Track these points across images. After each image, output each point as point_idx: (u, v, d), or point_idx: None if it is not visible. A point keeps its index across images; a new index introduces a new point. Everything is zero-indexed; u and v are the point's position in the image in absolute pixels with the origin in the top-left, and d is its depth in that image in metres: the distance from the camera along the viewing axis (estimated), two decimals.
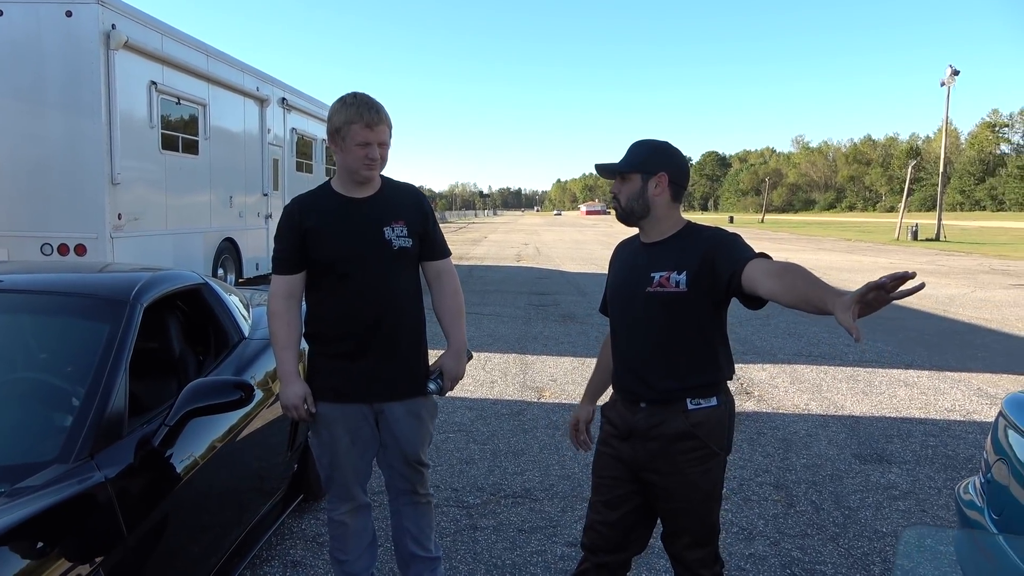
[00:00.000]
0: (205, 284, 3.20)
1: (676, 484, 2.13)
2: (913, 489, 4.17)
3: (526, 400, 5.85)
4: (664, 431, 2.11)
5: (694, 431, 2.09)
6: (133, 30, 7.87)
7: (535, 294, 12.68)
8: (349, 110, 2.34)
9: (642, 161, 2.16)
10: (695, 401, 2.10)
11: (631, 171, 2.16)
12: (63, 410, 2.15)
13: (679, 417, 2.10)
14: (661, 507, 2.19)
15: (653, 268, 2.13)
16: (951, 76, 35.67)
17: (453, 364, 2.56)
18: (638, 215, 2.17)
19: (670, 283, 2.08)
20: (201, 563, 2.48)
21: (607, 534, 2.25)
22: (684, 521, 2.17)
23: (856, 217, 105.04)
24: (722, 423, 2.14)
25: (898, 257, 24.06)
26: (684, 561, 2.21)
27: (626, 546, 2.26)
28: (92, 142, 7.53)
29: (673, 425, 2.10)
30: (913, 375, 6.96)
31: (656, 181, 2.14)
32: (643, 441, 2.14)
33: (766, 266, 1.94)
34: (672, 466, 2.11)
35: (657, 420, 2.12)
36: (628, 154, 2.20)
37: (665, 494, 2.15)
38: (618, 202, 2.19)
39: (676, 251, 2.13)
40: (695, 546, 2.18)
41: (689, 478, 2.11)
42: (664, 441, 2.11)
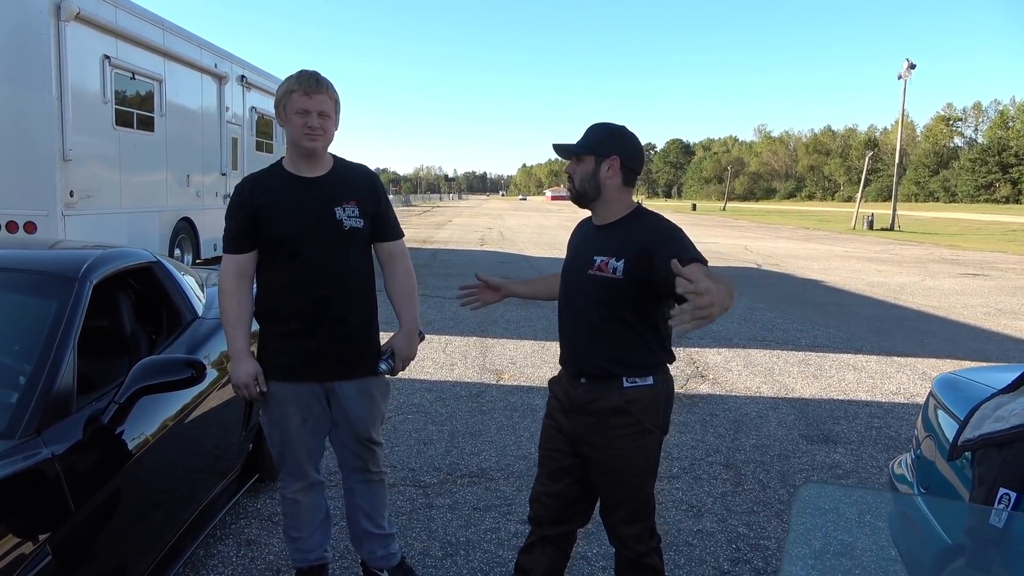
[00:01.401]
0: (157, 262, 3.17)
1: (610, 458, 2.20)
2: (856, 468, 4.33)
3: (485, 382, 5.90)
4: (600, 406, 2.17)
5: (628, 407, 2.16)
6: (85, 1, 7.64)
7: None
8: (290, 81, 2.38)
9: (596, 143, 2.20)
10: (631, 379, 2.17)
11: (585, 152, 2.20)
12: (9, 387, 2.12)
13: (614, 393, 2.16)
14: (596, 480, 2.26)
15: (597, 251, 2.19)
16: (908, 70, 36.41)
17: (404, 344, 2.58)
18: (590, 197, 2.22)
19: (608, 268, 2.14)
20: (153, 540, 2.48)
21: (550, 505, 2.31)
22: (617, 495, 2.24)
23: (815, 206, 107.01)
24: (657, 402, 2.20)
25: (853, 246, 24.62)
26: (620, 536, 2.28)
27: (569, 518, 2.33)
28: (42, 117, 7.32)
29: (608, 401, 2.16)
30: (862, 359, 7.18)
31: (608, 164, 2.17)
32: (581, 415, 2.21)
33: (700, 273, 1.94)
34: (606, 440, 2.18)
35: (594, 395, 2.19)
36: (584, 136, 2.24)
37: (600, 467, 2.22)
38: (572, 182, 2.24)
39: (619, 237, 2.18)
40: (629, 521, 2.26)
41: (622, 453, 2.18)
42: (600, 416, 2.18)
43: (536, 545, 2.36)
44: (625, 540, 2.28)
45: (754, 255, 19.63)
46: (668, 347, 2.27)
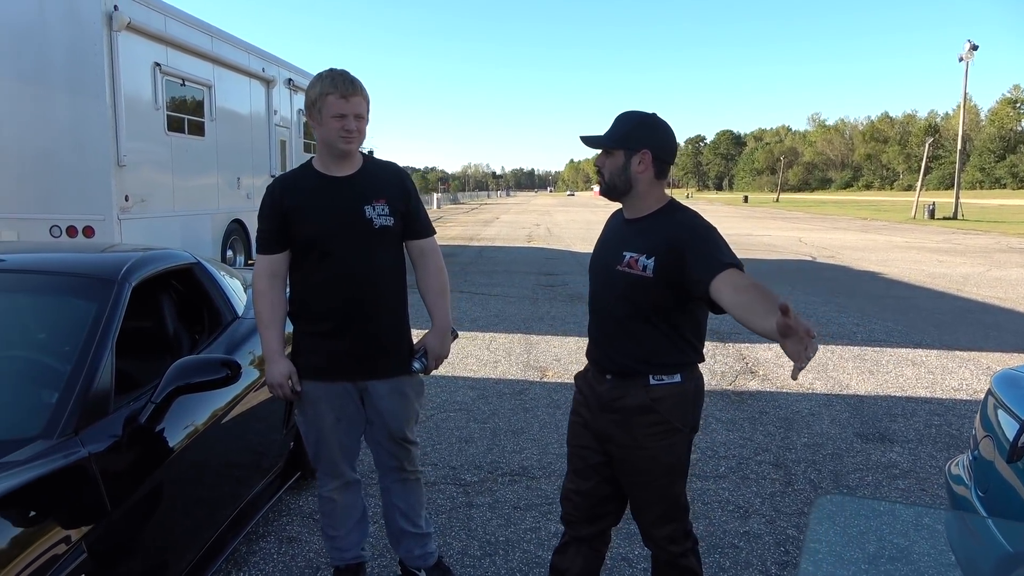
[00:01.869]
0: (197, 263, 3.21)
1: (638, 458, 2.13)
2: (913, 468, 4.14)
3: (529, 380, 5.86)
4: (625, 404, 2.11)
5: (654, 406, 2.08)
6: (136, 11, 7.84)
7: (543, 274, 12.65)
8: (324, 82, 2.35)
9: (625, 136, 2.11)
10: (657, 377, 2.09)
11: (614, 146, 2.12)
12: (50, 387, 2.17)
13: (640, 391, 2.09)
14: (624, 480, 2.20)
15: (626, 247, 2.12)
16: (970, 51, 35.00)
17: (437, 343, 2.56)
18: (621, 191, 2.14)
19: (637, 266, 2.07)
20: (194, 537, 2.51)
21: (580, 503, 2.26)
22: (646, 495, 2.17)
23: (873, 196, 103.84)
24: (686, 399, 2.12)
25: (913, 236, 23.78)
26: (652, 537, 2.21)
27: (600, 516, 2.27)
28: (97, 124, 7.54)
29: (634, 399, 2.10)
30: (921, 354, 6.90)
31: (639, 158, 2.09)
32: (607, 412, 2.15)
33: (735, 280, 1.89)
34: (632, 439, 2.11)
35: (620, 392, 2.12)
36: (613, 127, 2.15)
37: (628, 467, 2.16)
38: (602, 176, 2.17)
39: (650, 233, 2.10)
40: (661, 522, 2.19)
41: (650, 452, 2.11)
42: (625, 413, 2.11)
43: (570, 545, 2.31)
44: (658, 541, 2.22)
45: (808, 247, 19.11)
46: (698, 347, 2.18)
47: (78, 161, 7.59)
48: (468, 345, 7.04)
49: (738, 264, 1.95)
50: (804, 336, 1.55)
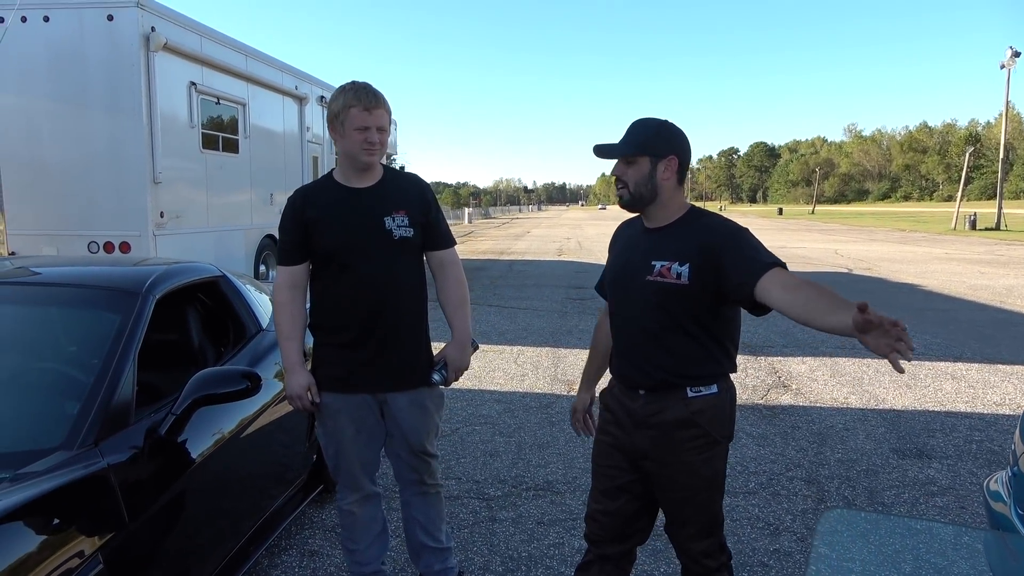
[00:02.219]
0: (222, 276, 3.24)
1: (678, 472, 2.07)
2: (953, 485, 4.00)
3: (556, 393, 5.81)
4: (664, 418, 2.05)
5: (695, 419, 2.03)
6: (172, 32, 8.04)
7: (573, 287, 12.60)
8: (347, 95, 2.35)
9: (651, 143, 2.05)
10: (695, 388, 2.04)
11: (639, 154, 2.05)
12: (72, 399, 2.19)
13: (679, 404, 2.04)
14: (663, 496, 2.14)
15: (655, 256, 2.06)
16: (1011, 58, 34.23)
17: (457, 355, 2.54)
18: (647, 200, 2.08)
19: (671, 274, 2.01)
20: (214, 548, 2.51)
21: (607, 524, 2.21)
22: (687, 510, 2.12)
23: (912, 207, 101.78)
24: (723, 411, 2.08)
25: (954, 247, 23.21)
26: (689, 552, 2.15)
27: (628, 536, 2.22)
28: (134, 142, 7.72)
29: (673, 412, 2.04)
30: (962, 368, 6.69)
31: (666, 164, 2.05)
32: (643, 429, 2.09)
33: (783, 279, 1.87)
34: (673, 454, 2.06)
35: (657, 407, 2.06)
36: (632, 135, 2.08)
37: (667, 483, 2.10)
38: (626, 188, 2.08)
39: (679, 239, 2.05)
40: (699, 536, 2.13)
41: (691, 466, 2.06)
42: (664, 429, 2.06)
43: (594, 564, 2.25)
44: (694, 556, 2.15)
45: (845, 259, 18.76)
46: (732, 355, 2.13)
47: (115, 179, 7.78)
48: (495, 358, 7.02)
49: (780, 263, 1.92)
50: (890, 328, 1.50)
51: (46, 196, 7.83)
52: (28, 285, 2.68)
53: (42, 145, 7.77)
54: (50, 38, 7.56)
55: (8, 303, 2.62)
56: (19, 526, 1.68)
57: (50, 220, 7.85)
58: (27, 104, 7.68)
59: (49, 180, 7.82)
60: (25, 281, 2.71)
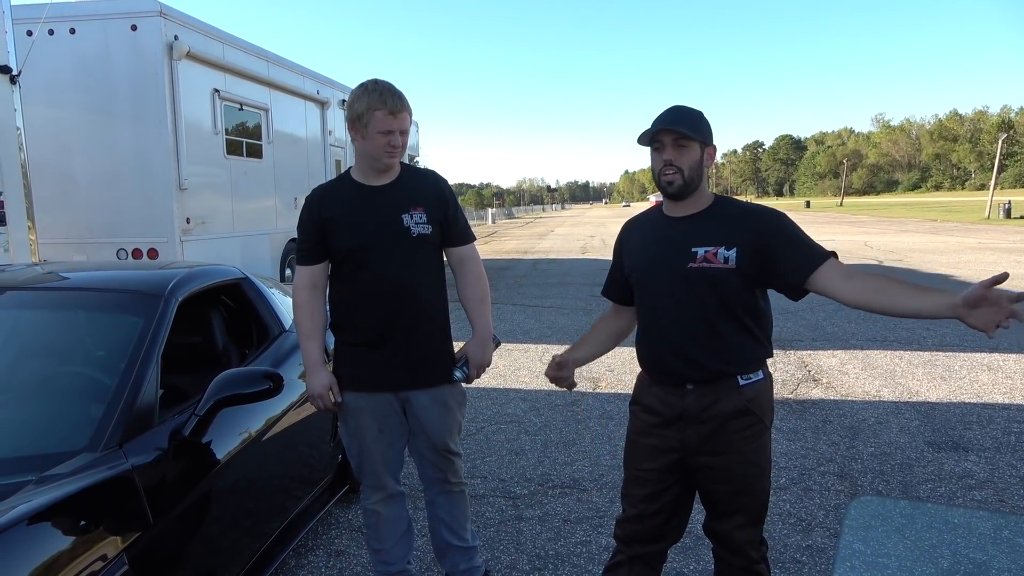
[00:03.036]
0: (245, 279, 3.26)
1: (734, 463, 2.04)
2: (991, 478, 3.89)
3: (581, 390, 5.76)
4: (719, 410, 2.02)
5: (750, 407, 2.03)
6: (195, 40, 8.14)
7: (597, 285, 12.51)
8: (371, 96, 2.31)
9: (701, 128, 2.01)
10: (746, 376, 2.03)
11: (695, 137, 1.99)
12: (96, 401, 2.21)
13: (733, 394, 2.02)
14: (717, 489, 2.09)
15: (694, 243, 2.02)
16: None
17: (478, 351, 2.51)
18: (694, 187, 2.03)
19: (717, 259, 1.98)
20: (240, 549, 2.52)
21: (646, 526, 2.16)
22: (741, 500, 2.08)
23: (943, 197, 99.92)
24: (769, 396, 2.10)
25: (988, 236, 22.70)
26: (734, 542, 2.11)
27: (663, 536, 2.18)
28: (159, 150, 7.83)
29: (729, 403, 2.02)
30: (998, 358, 6.53)
31: (708, 153, 2.05)
32: (695, 424, 2.04)
33: (844, 269, 1.93)
34: (728, 445, 2.03)
35: (710, 400, 2.02)
36: (683, 117, 2.01)
37: (722, 475, 2.06)
38: (680, 173, 1.98)
39: (717, 225, 2.02)
40: (749, 525, 2.11)
41: (746, 455, 2.05)
42: (719, 420, 2.02)
43: (623, 565, 2.20)
44: (740, 546, 2.11)
45: (875, 251, 18.44)
46: (770, 339, 2.14)
47: (142, 186, 7.89)
48: (520, 357, 6.99)
49: (830, 253, 1.98)
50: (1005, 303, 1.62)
51: (75, 205, 7.96)
52: (54, 290, 2.71)
53: (70, 155, 7.90)
54: (76, 49, 7.68)
55: (34, 308, 2.65)
56: (45, 528, 1.69)
57: (79, 229, 7.98)
58: (55, 115, 7.82)
59: (77, 189, 7.95)
60: (51, 286, 2.74)
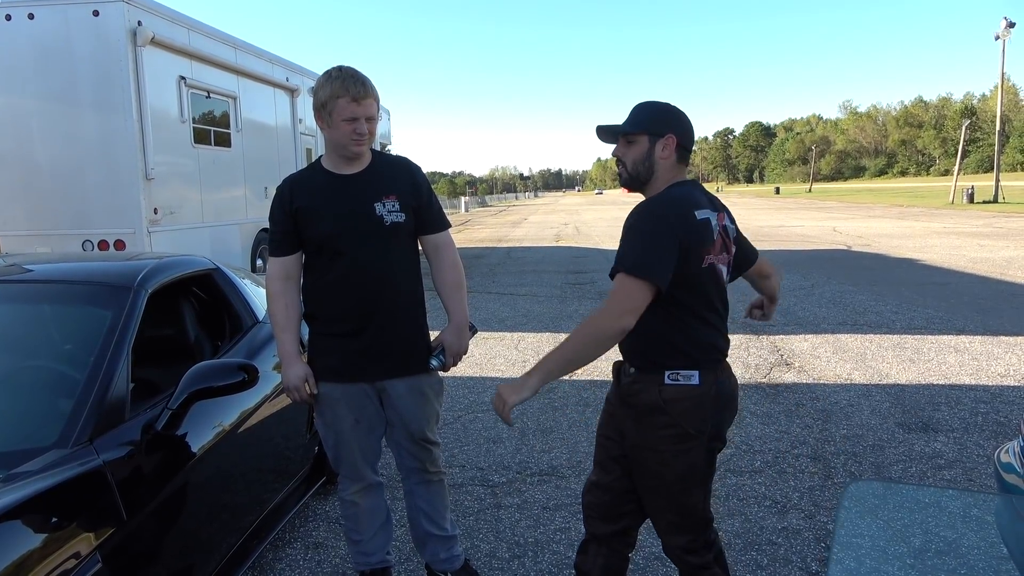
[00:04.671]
0: (216, 269, 3.20)
1: (647, 459, 2.02)
2: (960, 458, 3.98)
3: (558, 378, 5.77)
4: (639, 400, 2.00)
5: (665, 407, 1.96)
6: (159, 26, 7.94)
7: (572, 272, 12.55)
8: (335, 84, 2.27)
9: (649, 121, 2.05)
10: (673, 375, 1.96)
11: (638, 132, 2.04)
12: (65, 396, 2.15)
13: (654, 389, 1.97)
14: (637, 483, 2.09)
15: None
16: (1006, 29, 34.02)
17: (455, 339, 2.49)
18: (643, 179, 2.06)
19: None
20: (216, 543, 2.48)
21: (599, 497, 2.17)
22: (658, 501, 2.06)
23: (909, 182, 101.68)
24: (701, 406, 1.97)
25: (952, 221, 23.16)
26: (668, 546, 2.11)
27: (620, 515, 2.14)
28: (125, 139, 7.64)
29: (647, 396, 1.98)
30: (965, 340, 6.66)
31: (664, 143, 2.03)
32: (623, 406, 2.07)
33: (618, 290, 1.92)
34: (646, 440, 2.00)
35: (637, 388, 2.02)
36: (634, 115, 2.08)
37: (637, 468, 2.06)
38: (624, 166, 2.08)
39: None
40: (675, 531, 2.07)
41: (662, 456, 1.99)
42: (638, 411, 2.01)
43: (590, 544, 2.21)
44: (673, 550, 2.11)
45: (843, 236, 18.71)
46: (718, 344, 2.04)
47: (107, 176, 7.70)
48: (496, 345, 6.98)
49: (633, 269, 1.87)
50: None
51: (38, 195, 7.76)
52: (19, 283, 2.63)
53: (32, 144, 7.69)
54: (35, 36, 7.46)
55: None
56: (14, 526, 1.64)
57: (42, 220, 7.78)
58: (15, 103, 7.60)
59: (40, 179, 7.75)
60: (16, 279, 2.66)
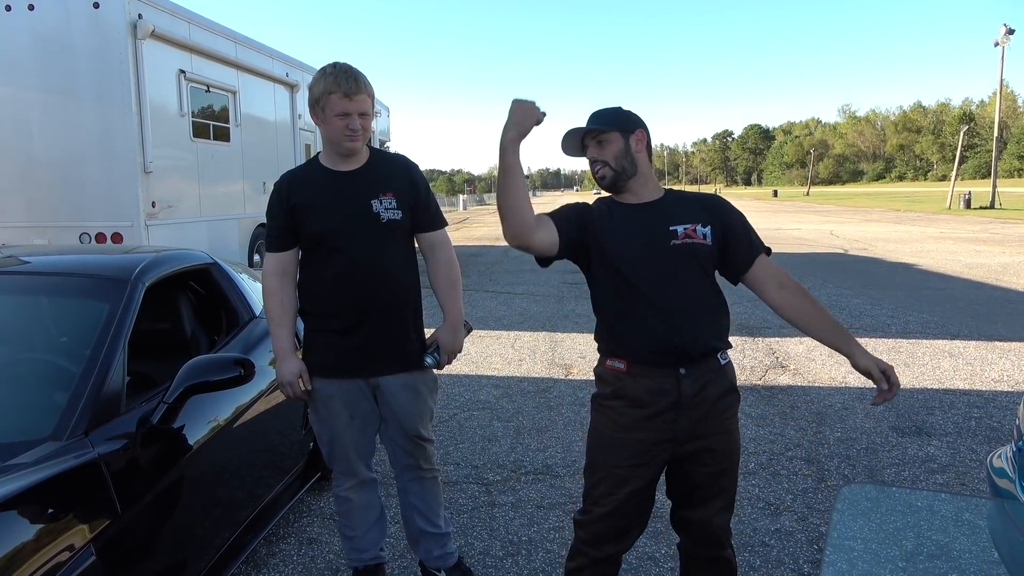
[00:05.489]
0: (214, 263, 3.20)
1: (723, 443, 2.08)
2: (953, 462, 3.99)
3: (553, 377, 5.79)
4: (711, 392, 2.04)
5: (734, 384, 2.10)
6: (160, 19, 7.93)
7: (569, 272, 12.48)
8: (328, 80, 2.28)
9: (616, 119, 2.11)
10: (723, 356, 2.09)
11: (610, 129, 2.08)
12: (61, 389, 2.15)
13: (720, 374, 2.06)
14: (703, 472, 2.06)
15: (670, 222, 2.05)
16: (1006, 35, 34.10)
17: (449, 337, 2.50)
18: (629, 174, 2.10)
19: (697, 235, 2.04)
20: (210, 538, 2.48)
21: (618, 525, 2.09)
22: (723, 482, 2.11)
23: (906, 187, 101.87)
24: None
25: (949, 226, 23.21)
26: (711, 528, 2.12)
27: (631, 530, 2.14)
28: (124, 132, 7.63)
29: (718, 384, 2.06)
30: (959, 345, 6.69)
31: (637, 137, 2.10)
32: (687, 410, 2.00)
33: (778, 275, 2.07)
34: (720, 426, 2.07)
35: (702, 383, 2.02)
36: (597, 118, 2.13)
37: (711, 457, 2.07)
38: (608, 166, 2.09)
39: (685, 207, 2.11)
40: (726, 509, 2.15)
41: (733, 435, 2.11)
42: (711, 403, 2.04)
43: (586, 569, 2.14)
44: (716, 532, 2.13)
45: (840, 240, 18.75)
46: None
47: (106, 169, 7.69)
48: (492, 344, 6.99)
49: (767, 248, 2.13)
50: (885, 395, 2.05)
51: (36, 187, 7.74)
52: (15, 274, 2.63)
53: (30, 136, 7.67)
54: (35, 27, 7.44)
55: None
56: (8, 518, 1.65)
57: (40, 212, 7.77)
58: (14, 95, 7.58)
59: (38, 171, 7.73)
60: (12, 270, 2.66)
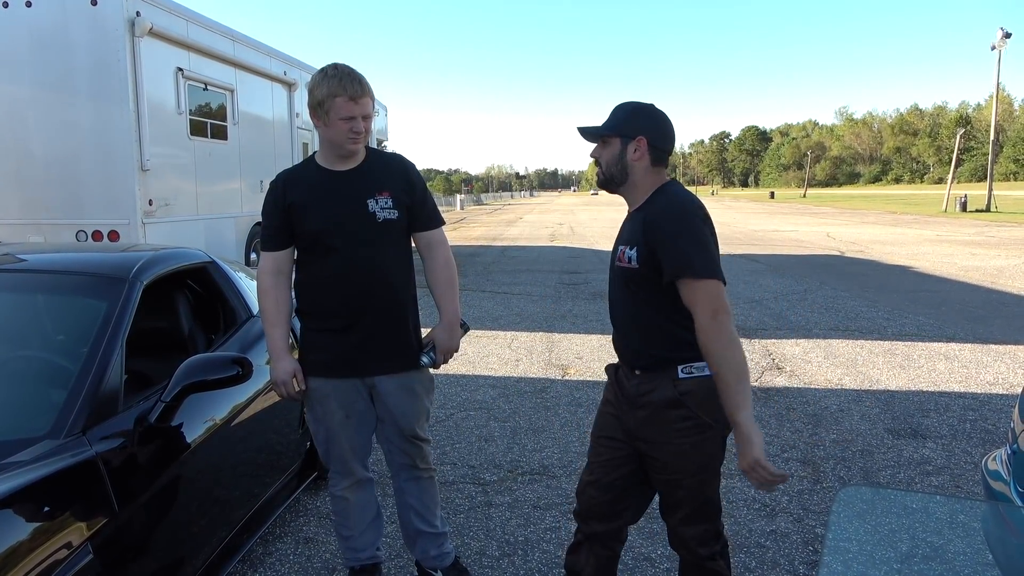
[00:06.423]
0: (212, 262, 3.20)
1: (667, 455, 2.05)
2: (948, 464, 4.01)
3: (550, 377, 5.79)
4: (653, 399, 2.04)
5: (682, 399, 2.00)
6: (158, 17, 7.91)
7: (566, 272, 12.56)
8: (331, 82, 2.28)
9: (622, 123, 2.08)
10: (687, 368, 2.01)
11: (611, 134, 2.08)
12: (59, 387, 2.15)
13: (668, 385, 2.02)
14: (655, 478, 2.13)
15: (621, 240, 2.11)
16: (1002, 39, 34.20)
17: (446, 337, 2.50)
18: (617, 181, 2.10)
19: (625, 259, 2.05)
20: (207, 537, 2.48)
21: (599, 498, 2.18)
22: (678, 494, 2.10)
23: (903, 189, 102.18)
24: (715, 395, 2.00)
25: (945, 229, 23.27)
26: (681, 537, 2.14)
27: (618, 513, 2.19)
28: (121, 130, 7.61)
29: (662, 393, 2.02)
30: (955, 348, 6.71)
31: (635, 145, 2.06)
32: (633, 408, 2.08)
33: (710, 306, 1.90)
34: (662, 435, 2.04)
35: (648, 387, 2.05)
36: (610, 116, 2.12)
37: (657, 464, 2.09)
38: (600, 167, 2.13)
39: (636, 223, 2.06)
40: (691, 522, 2.11)
41: (680, 448, 2.03)
42: (653, 409, 2.04)
43: (583, 544, 2.24)
44: (686, 542, 2.14)
45: (836, 242, 18.78)
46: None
47: (102, 166, 7.67)
48: (489, 344, 6.99)
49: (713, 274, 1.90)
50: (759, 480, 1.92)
51: (32, 185, 7.72)
52: (13, 272, 2.63)
53: (27, 133, 7.65)
54: (33, 24, 7.42)
55: None
56: (5, 516, 1.64)
57: (37, 209, 7.75)
58: (11, 91, 7.56)
59: (35, 168, 7.71)
60: (10, 268, 2.66)
